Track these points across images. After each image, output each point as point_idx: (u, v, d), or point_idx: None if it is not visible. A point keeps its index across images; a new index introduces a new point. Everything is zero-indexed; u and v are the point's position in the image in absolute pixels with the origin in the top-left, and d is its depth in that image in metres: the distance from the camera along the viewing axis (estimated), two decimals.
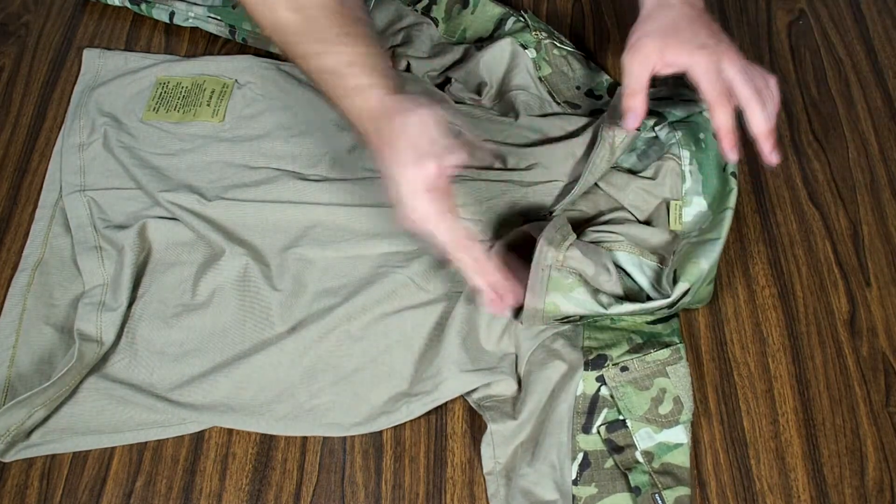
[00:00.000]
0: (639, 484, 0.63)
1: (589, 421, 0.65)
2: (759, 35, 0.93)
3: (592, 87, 0.86)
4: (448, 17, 0.90)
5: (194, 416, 0.67)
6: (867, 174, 0.82)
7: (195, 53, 0.91)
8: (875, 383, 0.69)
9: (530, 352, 0.69)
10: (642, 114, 0.72)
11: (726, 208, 0.71)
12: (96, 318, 0.69)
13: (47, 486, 0.65)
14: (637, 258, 0.71)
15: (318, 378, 0.68)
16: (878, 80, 0.88)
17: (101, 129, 0.82)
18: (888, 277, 0.75)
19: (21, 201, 0.80)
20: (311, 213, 0.77)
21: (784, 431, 0.67)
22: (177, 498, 0.64)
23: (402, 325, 0.71)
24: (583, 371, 0.66)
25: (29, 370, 0.68)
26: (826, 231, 0.78)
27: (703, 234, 0.71)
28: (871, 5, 0.95)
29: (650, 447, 0.64)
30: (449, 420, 0.68)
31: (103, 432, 0.66)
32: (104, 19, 0.93)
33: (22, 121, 0.85)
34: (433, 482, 0.65)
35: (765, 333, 0.72)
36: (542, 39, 0.86)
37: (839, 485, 0.65)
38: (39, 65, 0.90)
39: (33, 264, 0.74)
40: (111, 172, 0.80)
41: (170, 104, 0.85)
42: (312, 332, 0.70)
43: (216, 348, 0.70)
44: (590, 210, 0.77)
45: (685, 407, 0.65)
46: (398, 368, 0.69)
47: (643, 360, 0.67)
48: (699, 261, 0.66)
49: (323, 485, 0.65)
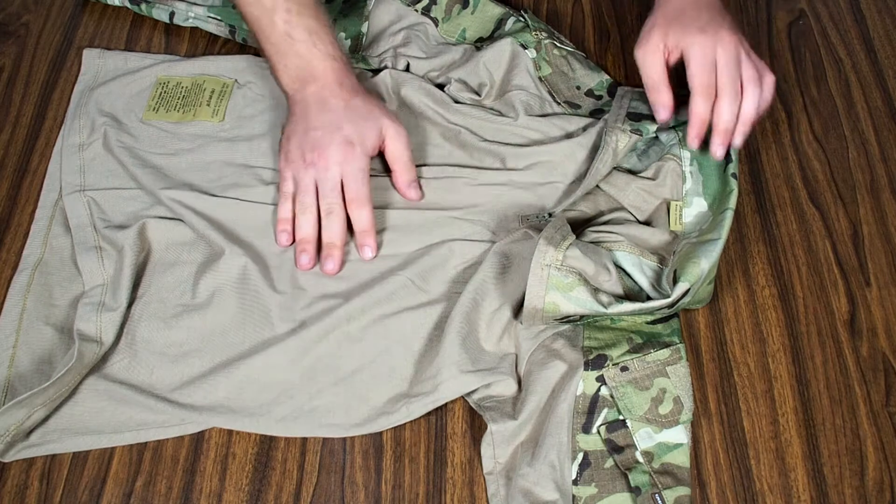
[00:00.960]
0: (639, 484, 0.63)
1: (589, 421, 0.65)
2: (759, 35, 0.93)
3: (592, 87, 0.86)
4: (448, 17, 0.90)
5: (194, 416, 0.66)
6: (867, 174, 0.82)
7: (195, 53, 0.91)
8: (875, 383, 0.69)
9: (530, 352, 0.69)
10: (670, 104, 0.74)
11: (726, 209, 0.71)
12: (96, 319, 0.69)
13: (47, 486, 0.65)
14: (637, 258, 0.71)
15: (318, 379, 0.68)
16: (879, 81, 0.88)
17: (101, 128, 0.82)
18: (888, 277, 0.75)
19: (21, 201, 0.80)
20: None
21: (784, 431, 0.67)
22: (177, 498, 0.64)
23: (401, 325, 0.71)
24: (583, 371, 0.66)
25: (29, 370, 0.68)
26: (826, 231, 0.78)
27: (703, 234, 0.71)
28: (871, 5, 0.95)
29: (650, 447, 0.64)
30: (449, 420, 0.68)
31: (103, 432, 0.66)
32: (104, 19, 0.93)
33: (22, 121, 0.85)
34: (433, 482, 0.65)
35: (765, 333, 0.72)
36: (542, 39, 0.86)
37: (839, 485, 0.65)
38: (39, 65, 0.90)
39: (33, 264, 0.74)
40: (111, 172, 0.80)
41: (170, 104, 0.85)
42: (312, 332, 0.70)
43: (216, 349, 0.70)
44: (590, 210, 0.77)
45: (685, 407, 0.65)
46: (398, 369, 0.69)
47: (643, 360, 0.67)
48: (699, 261, 0.66)
49: (323, 485, 0.65)
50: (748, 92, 0.72)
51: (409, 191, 0.77)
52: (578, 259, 0.66)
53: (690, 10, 0.75)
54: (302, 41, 0.74)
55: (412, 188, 0.77)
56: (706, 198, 0.75)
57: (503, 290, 0.71)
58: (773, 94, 0.74)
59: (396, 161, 0.76)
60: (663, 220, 0.75)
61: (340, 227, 0.74)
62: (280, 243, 0.74)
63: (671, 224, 0.75)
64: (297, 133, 0.75)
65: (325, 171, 0.73)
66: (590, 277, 0.67)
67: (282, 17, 0.74)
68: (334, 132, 0.73)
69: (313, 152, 0.73)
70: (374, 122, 0.75)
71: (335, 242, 0.73)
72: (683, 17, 0.74)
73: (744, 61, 0.73)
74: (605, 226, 0.74)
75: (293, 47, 0.74)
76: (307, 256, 0.73)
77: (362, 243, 0.74)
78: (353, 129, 0.74)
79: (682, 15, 0.74)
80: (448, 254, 0.74)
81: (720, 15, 0.75)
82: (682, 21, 0.74)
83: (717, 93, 0.72)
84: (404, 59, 0.86)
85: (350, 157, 0.73)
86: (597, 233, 0.72)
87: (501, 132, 0.82)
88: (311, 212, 0.73)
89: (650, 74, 0.75)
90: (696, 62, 0.72)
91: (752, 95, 0.72)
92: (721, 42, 0.72)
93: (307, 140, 0.74)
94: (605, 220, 0.76)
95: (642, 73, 0.75)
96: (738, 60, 0.73)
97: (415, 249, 0.75)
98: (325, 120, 0.74)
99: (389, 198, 0.78)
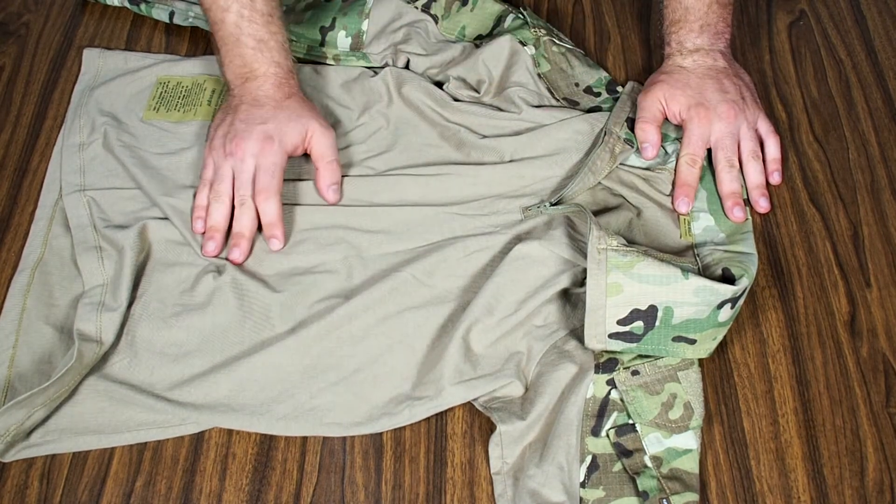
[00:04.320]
0: (647, 488, 0.62)
1: (598, 424, 0.65)
2: (760, 35, 0.93)
3: (591, 84, 0.86)
4: (448, 15, 0.90)
5: (194, 416, 0.66)
6: (867, 175, 0.82)
7: (195, 53, 0.91)
8: (875, 384, 0.69)
9: (542, 353, 0.69)
10: (657, 142, 0.79)
11: (746, 231, 0.76)
12: (96, 318, 0.69)
13: (47, 486, 0.65)
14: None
15: (319, 378, 0.68)
16: (879, 81, 0.88)
17: (102, 128, 0.82)
18: (888, 278, 0.75)
19: (21, 201, 0.79)
20: (309, 214, 0.77)
21: (784, 432, 0.67)
22: (177, 498, 0.64)
23: (403, 325, 0.71)
24: (593, 374, 0.66)
25: (29, 370, 0.68)
26: (826, 232, 0.78)
27: (731, 245, 0.74)
28: (871, 6, 0.95)
29: (659, 452, 0.64)
30: (449, 420, 0.68)
31: (103, 432, 0.66)
32: (104, 19, 0.93)
33: (22, 120, 0.85)
34: (433, 482, 0.65)
35: (765, 334, 0.72)
36: (541, 36, 0.86)
37: (839, 486, 0.65)
38: (40, 64, 0.90)
39: (33, 264, 0.74)
40: (111, 172, 0.79)
41: (170, 104, 0.85)
42: (313, 331, 0.70)
43: (216, 348, 0.70)
44: (592, 206, 0.78)
45: (696, 413, 0.65)
46: (399, 369, 0.69)
47: (655, 364, 0.67)
48: (751, 267, 0.69)
49: (323, 485, 0.65)
50: (748, 167, 0.78)
51: (329, 192, 0.78)
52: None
53: (695, 81, 0.80)
54: (248, 47, 0.76)
55: (331, 190, 0.78)
56: (712, 213, 0.77)
57: (519, 295, 0.71)
58: (780, 152, 0.80)
59: (319, 160, 0.78)
60: (671, 232, 0.76)
61: (251, 219, 0.75)
62: (195, 230, 0.75)
63: (682, 235, 0.76)
64: (224, 123, 0.77)
65: (241, 161, 0.75)
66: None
67: (233, 20, 0.76)
68: (256, 126, 0.75)
69: (233, 143, 0.75)
70: (300, 121, 0.76)
71: (244, 233, 0.75)
72: (687, 88, 0.79)
73: (743, 136, 0.79)
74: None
75: (239, 48, 0.77)
76: (213, 244, 0.74)
77: (269, 235, 0.75)
78: (276, 126, 0.75)
79: (685, 85, 0.80)
80: (451, 248, 0.74)
81: (728, 81, 0.80)
82: (685, 91, 0.79)
83: (715, 166, 0.78)
84: (404, 56, 0.87)
85: (267, 150, 0.75)
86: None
87: (502, 128, 0.82)
88: (223, 201, 0.75)
89: (644, 115, 0.80)
90: (688, 135, 0.78)
91: (753, 169, 0.78)
92: (719, 117, 0.78)
93: (231, 131, 0.76)
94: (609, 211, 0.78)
95: (638, 112, 0.80)
96: (735, 136, 0.78)
97: (416, 247, 0.75)
98: (252, 115, 0.76)
99: (391, 196, 0.78)
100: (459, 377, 0.67)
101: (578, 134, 0.80)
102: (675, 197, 0.77)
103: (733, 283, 0.66)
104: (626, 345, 0.66)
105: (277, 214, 0.75)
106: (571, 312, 0.71)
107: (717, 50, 0.81)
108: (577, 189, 0.77)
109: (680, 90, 0.79)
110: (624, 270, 0.65)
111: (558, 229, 0.74)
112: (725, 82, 0.79)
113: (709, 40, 0.80)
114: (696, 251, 0.74)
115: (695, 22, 0.80)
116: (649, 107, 0.79)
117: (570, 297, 0.72)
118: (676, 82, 0.79)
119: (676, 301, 0.64)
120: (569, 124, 0.81)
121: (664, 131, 0.81)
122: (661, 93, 0.79)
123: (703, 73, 0.79)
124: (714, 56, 0.80)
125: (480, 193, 0.78)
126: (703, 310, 0.64)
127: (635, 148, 0.79)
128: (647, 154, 0.78)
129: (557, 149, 0.80)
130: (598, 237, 0.65)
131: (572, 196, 0.77)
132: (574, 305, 0.72)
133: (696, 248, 0.74)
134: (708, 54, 0.80)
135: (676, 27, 0.81)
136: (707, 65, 0.80)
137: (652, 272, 0.64)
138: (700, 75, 0.79)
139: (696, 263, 0.72)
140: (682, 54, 0.81)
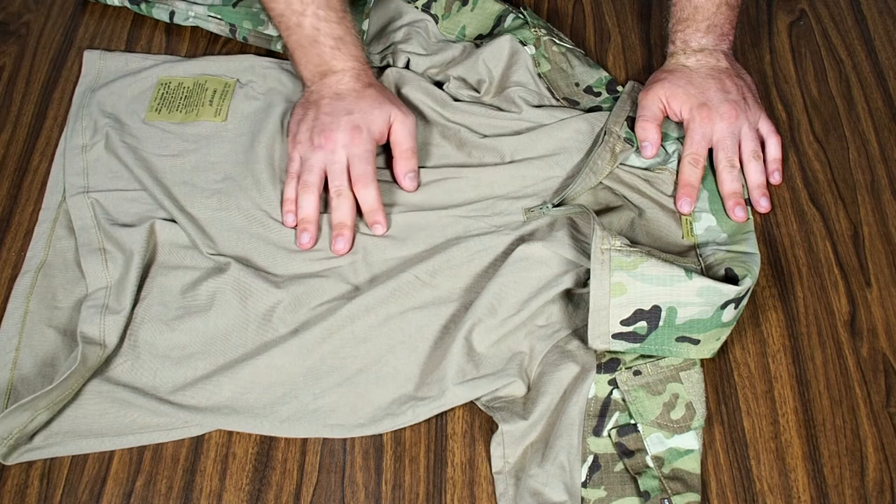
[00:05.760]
0: (648, 489, 0.63)
1: (600, 424, 0.65)
2: (760, 35, 0.93)
3: (591, 84, 0.86)
4: (448, 15, 0.90)
5: (197, 418, 0.66)
6: (867, 175, 0.82)
7: (196, 53, 0.91)
8: (875, 384, 0.70)
9: (544, 353, 0.69)
10: (656, 141, 0.79)
11: (748, 231, 0.75)
12: (99, 321, 0.69)
13: (47, 486, 0.65)
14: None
15: (322, 379, 0.68)
16: (879, 81, 0.88)
17: (104, 130, 0.82)
18: (888, 278, 0.75)
19: (21, 201, 0.79)
20: None
21: (784, 432, 0.67)
22: (177, 498, 0.64)
23: (406, 326, 0.71)
24: (595, 374, 0.67)
25: (32, 373, 0.68)
26: (826, 232, 0.78)
27: (732, 245, 0.74)
28: (871, 6, 0.95)
29: (661, 452, 0.64)
30: (449, 420, 0.68)
31: (106, 435, 0.66)
32: (104, 19, 0.93)
33: (22, 120, 0.85)
34: (433, 482, 0.65)
35: (765, 334, 0.72)
36: (541, 36, 0.86)
37: (839, 485, 0.65)
38: (40, 64, 0.90)
39: (36, 266, 0.74)
40: (114, 174, 0.79)
41: (172, 104, 0.85)
42: (316, 333, 0.70)
43: (219, 350, 0.70)
44: (594, 206, 0.78)
45: (697, 413, 0.65)
46: (402, 370, 0.69)
47: (657, 364, 0.67)
48: (754, 268, 0.68)
49: (323, 485, 0.65)
50: (749, 167, 0.78)
51: (406, 180, 0.78)
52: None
53: (698, 80, 0.80)
54: (327, 46, 0.77)
55: (408, 178, 0.78)
56: (713, 214, 0.77)
57: (522, 296, 0.71)
58: (780, 152, 0.80)
59: (397, 146, 0.78)
60: (673, 232, 0.76)
61: (350, 208, 0.75)
62: (286, 224, 0.76)
63: (684, 235, 0.76)
64: (307, 118, 0.77)
65: (332, 153, 0.75)
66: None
67: (310, 22, 0.76)
68: (342, 117, 0.75)
69: (321, 135, 0.75)
70: (383, 109, 0.76)
71: (345, 222, 0.75)
72: (689, 87, 0.80)
73: (744, 136, 0.79)
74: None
75: (317, 48, 0.77)
76: (308, 235, 0.74)
77: (372, 221, 0.75)
78: (361, 115, 0.75)
79: (688, 84, 0.80)
80: (454, 249, 0.74)
81: (731, 82, 0.80)
82: (687, 90, 0.79)
83: (716, 166, 0.79)
84: (404, 56, 0.87)
85: (356, 140, 0.75)
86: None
87: (502, 128, 0.82)
88: (312, 191, 0.75)
89: (644, 114, 0.80)
90: (690, 135, 0.78)
91: (753, 169, 0.78)
92: (721, 118, 0.78)
93: (317, 124, 0.76)
94: (610, 210, 0.78)
95: (639, 111, 0.80)
96: (736, 136, 0.78)
97: (420, 251, 0.75)
98: (335, 106, 0.76)
99: (391, 200, 0.78)
100: (462, 377, 0.67)
101: (579, 133, 0.81)
102: (678, 197, 0.77)
103: (736, 283, 0.66)
104: (629, 345, 0.66)
105: (377, 200, 0.75)
106: (574, 312, 0.71)
107: (720, 50, 0.81)
108: (578, 189, 0.77)
109: (682, 89, 0.79)
110: (627, 271, 0.65)
111: (561, 230, 0.74)
112: (727, 83, 0.79)
113: (714, 41, 0.81)
114: (698, 251, 0.74)
115: (702, 21, 0.80)
116: (650, 105, 0.79)
117: (573, 298, 0.72)
118: (679, 81, 0.79)
119: (680, 301, 0.64)
120: (569, 124, 0.81)
121: (665, 130, 0.81)
122: (662, 91, 0.79)
123: (706, 72, 0.80)
124: (717, 56, 0.80)
125: (482, 195, 0.78)
126: (706, 310, 0.64)
127: (635, 147, 0.79)
128: (646, 153, 0.79)
129: (558, 148, 0.80)
130: (602, 237, 0.66)
131: (574, 196, 0.77)
132: (576, 305, 0.72)
133: (698, 249, 0.74)
134: (711, 54, 0.80)
135: (683, 25, 0.81)
136: (710, 65, 0.80)
137: (655, 272, 0.64)
138: (703, 75, 0.79)
139: (699, 264, 0.72)
140: (685, 53, 0.81)
